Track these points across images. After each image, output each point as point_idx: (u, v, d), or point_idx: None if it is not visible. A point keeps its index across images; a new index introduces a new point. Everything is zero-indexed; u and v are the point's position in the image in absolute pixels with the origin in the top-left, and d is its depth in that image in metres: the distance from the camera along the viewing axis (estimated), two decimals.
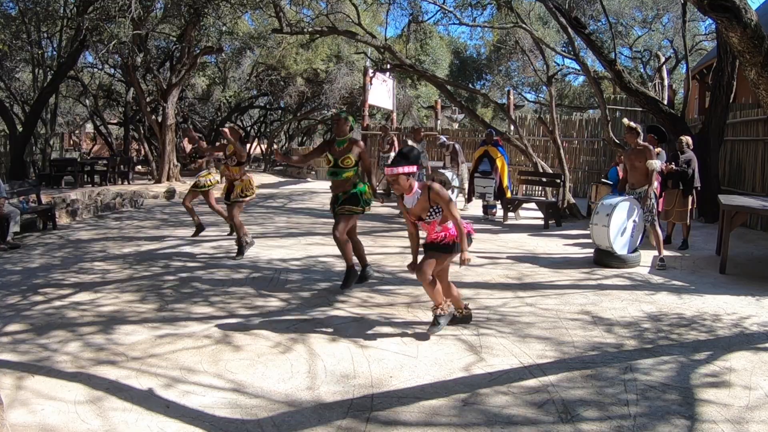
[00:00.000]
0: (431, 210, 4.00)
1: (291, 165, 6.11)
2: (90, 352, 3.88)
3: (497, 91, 28.08)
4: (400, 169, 3.95)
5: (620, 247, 6.43)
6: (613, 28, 12.35)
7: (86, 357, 3.80)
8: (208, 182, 8.08)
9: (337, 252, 7.18)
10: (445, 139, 11.91)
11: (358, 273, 5.59)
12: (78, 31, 12.47)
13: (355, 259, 5.49)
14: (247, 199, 6.96)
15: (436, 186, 3.99)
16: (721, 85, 9.48)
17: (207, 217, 9.16)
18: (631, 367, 3.66)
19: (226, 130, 6.71)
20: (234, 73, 20.91)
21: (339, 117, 5.42)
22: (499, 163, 9.92)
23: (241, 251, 6.87)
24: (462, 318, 4.46)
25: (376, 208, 11.15)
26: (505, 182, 10.01)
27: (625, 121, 6.75)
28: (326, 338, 4.18)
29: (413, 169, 4.00)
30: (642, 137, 6.54)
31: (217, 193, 8.32)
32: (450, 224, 4.06)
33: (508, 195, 10.11)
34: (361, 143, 5.39)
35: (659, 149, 7.58)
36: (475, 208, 11.17)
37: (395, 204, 12.42)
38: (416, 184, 4.04)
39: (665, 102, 10.91)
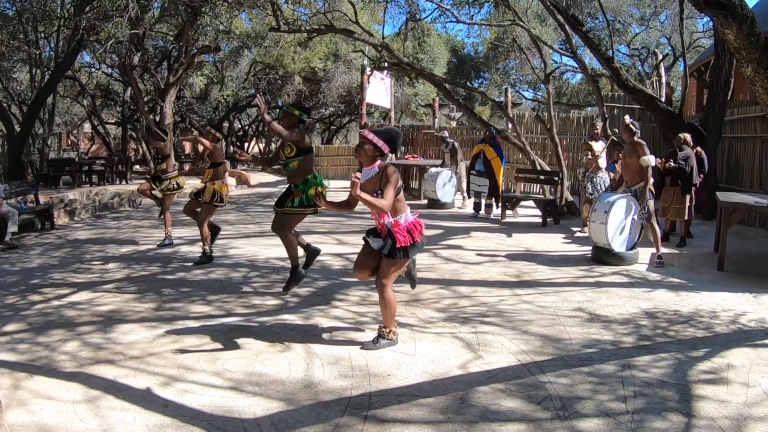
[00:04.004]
0: (377, 192, 3.75)
1: (258, 164, 5.85)
2: (88, 352, 3.88)
3: (495, 89, 28.10)
4: (373, 137, 3.77)
5: (618, 244, 6.43)
6: (611, 25, 12.32)
7: (84, 356, 3.81)
8: (172, 186, 7.60)
9: (336, 251, 7.23)
10: (447, 134, 11.92)
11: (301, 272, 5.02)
12: (75, 30, 12.44)
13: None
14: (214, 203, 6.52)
15: (391, 170, 3.74)
16: (719, 83, 9.49)
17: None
18: (629, 364, 3.67)
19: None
20: (231, 73, 20.89)
21: (284, 111, 4.92)
22: (494, 164, 9.93)
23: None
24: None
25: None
26: (500, 182, 10.02)
27: (627, 118, 6.77)
28: (324, 337, 4.18)
29: (384, 147, 3.79)
30: (638, 134, 6.54)
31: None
32: (401, 220, 3.77)
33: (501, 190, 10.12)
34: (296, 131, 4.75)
35: (699, 149, 7.75)
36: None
37: None
38: (378, 163, 3.81)
39: (663, 99, 10.88)
